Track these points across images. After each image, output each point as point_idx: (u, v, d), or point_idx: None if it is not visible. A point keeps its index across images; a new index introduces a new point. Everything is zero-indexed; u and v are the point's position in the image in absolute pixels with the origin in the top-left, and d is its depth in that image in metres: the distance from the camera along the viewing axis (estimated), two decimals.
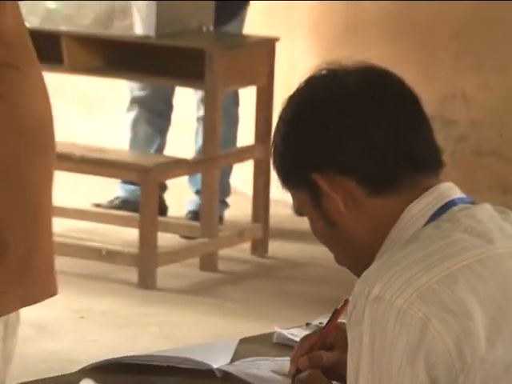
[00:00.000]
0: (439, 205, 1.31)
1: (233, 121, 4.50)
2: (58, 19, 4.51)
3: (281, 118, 1.33)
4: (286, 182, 1.32)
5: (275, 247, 4.55)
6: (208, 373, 1.62)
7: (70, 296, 3.36)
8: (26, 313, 1.81)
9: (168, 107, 4.79)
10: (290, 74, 4.63)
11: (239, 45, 4.52)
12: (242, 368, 1.69)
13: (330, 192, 1.28)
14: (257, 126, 4.28)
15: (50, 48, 3.96)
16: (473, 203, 1.33)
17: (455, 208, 1.30)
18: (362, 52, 4.40)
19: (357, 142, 1.27)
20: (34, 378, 1.67)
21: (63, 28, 4.39)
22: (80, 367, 1.63)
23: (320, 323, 1.73)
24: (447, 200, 1.30)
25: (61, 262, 2.14)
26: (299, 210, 1.35)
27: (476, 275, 1.24)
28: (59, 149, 1.75)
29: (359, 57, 1.53)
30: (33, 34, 1.72)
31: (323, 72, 1.32)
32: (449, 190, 1.32)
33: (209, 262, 4.12)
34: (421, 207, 1.30)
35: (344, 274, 1.47)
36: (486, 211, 1.32)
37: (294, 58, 4.93)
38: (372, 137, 1.28)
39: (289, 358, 1.49)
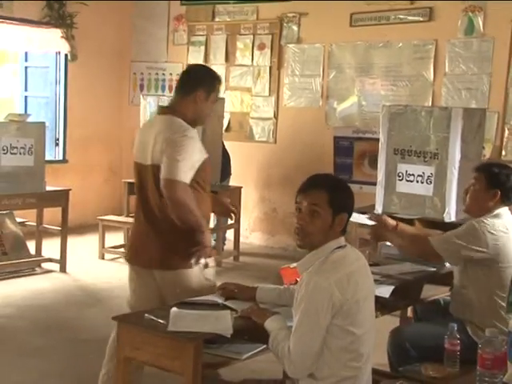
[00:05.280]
0: (338, 245, 2.33)
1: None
2: None
3: (336, 182, 2.36)
4: (329, 206, 2.24)
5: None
6: (215, 304, 2.65)
7: None
8: None
9: None
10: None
11: (228, 188, 6.84)
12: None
13: (343, 218, 2.30)
14: None
15: None
16: (346, 245, 2.33)
17: (342, 247, 2.31)
18: None
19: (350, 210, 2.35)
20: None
21: None
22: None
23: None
24: (342, 244, 2.35)
25: None
26: (312, 213, 2.24)
27: (357, 274, 2.24)
28: None
29: None
30: None
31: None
32: (344, 240, 2.34)
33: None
34: (334, 242, 2.32)
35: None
36: (350, 248, 2.32)
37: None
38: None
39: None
